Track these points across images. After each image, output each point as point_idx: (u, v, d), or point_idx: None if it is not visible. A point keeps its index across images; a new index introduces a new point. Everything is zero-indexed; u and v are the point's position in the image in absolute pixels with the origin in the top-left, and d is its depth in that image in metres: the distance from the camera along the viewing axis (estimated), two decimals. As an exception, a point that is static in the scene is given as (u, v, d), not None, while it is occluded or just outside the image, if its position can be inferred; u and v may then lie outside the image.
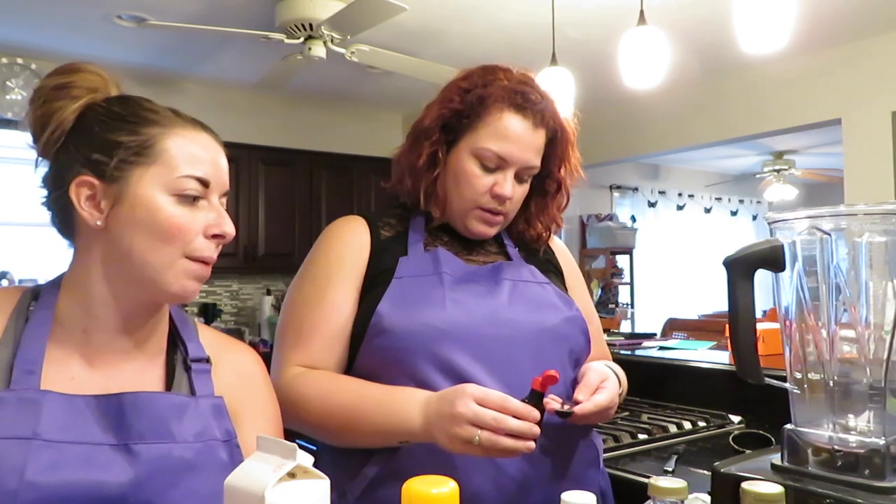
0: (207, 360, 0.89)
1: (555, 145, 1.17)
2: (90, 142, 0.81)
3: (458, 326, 1.05)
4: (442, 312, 1.05)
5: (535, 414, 0.93)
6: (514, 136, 1.10)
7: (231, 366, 0.92)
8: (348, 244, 1.14)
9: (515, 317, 1.09)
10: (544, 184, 1.21)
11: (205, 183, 0.83)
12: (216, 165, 0.85)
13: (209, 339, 0.93)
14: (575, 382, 1.14)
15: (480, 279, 1.13)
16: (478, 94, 1.12)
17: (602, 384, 1.06)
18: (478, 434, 0.91)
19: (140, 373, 0.85)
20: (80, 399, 0.78)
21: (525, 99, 1.11)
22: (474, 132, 1.11)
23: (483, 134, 1.11)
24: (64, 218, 0.85)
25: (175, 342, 0.90)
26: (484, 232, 1.16)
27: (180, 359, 0.88)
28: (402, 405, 0.99)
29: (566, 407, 1.00)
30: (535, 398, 0.94)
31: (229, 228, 0.84)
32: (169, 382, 0.86)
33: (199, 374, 0.87)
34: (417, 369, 1.03)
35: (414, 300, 1.06)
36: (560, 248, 1.30)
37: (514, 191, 1.13)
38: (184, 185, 0.81)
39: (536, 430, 0.93)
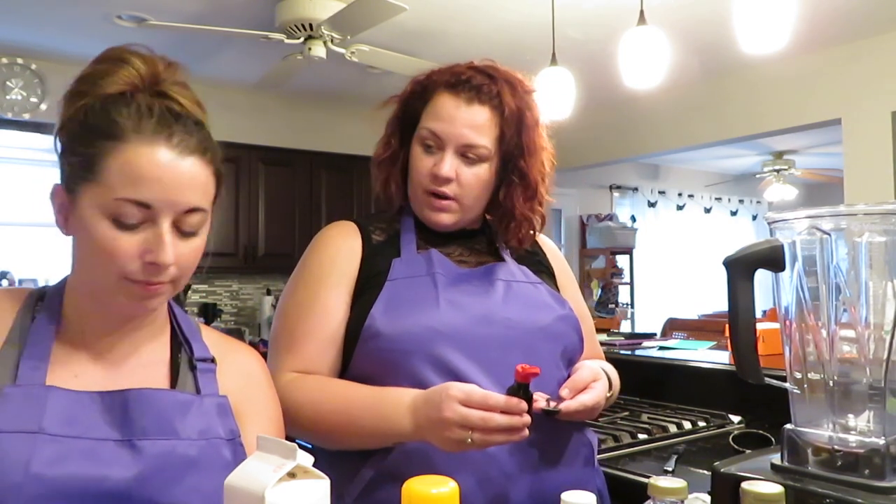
0: (212, 360, 0.89)
1: (510, 127, 1.13)
2: (65, 150, 0.80)
3: (453, 327, 1.05)
4: (436, 313, 1.05)
5: (522, 405, 0.94)
6: (445, 113, 1.12)
7: (234, 366, 0.92)
8: (340, 249, 1.15)
9: (510, 316, 1.09)
10: (511, 174, 1.16)
11: (145, 206, 0.76)
12: (164, 185, 0.76)
13: (212, 340, 0.93)
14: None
15: (474, 280, 1.13)
16: (422, 82, 1.17)
17: (592, 384, 1.06)
18: (469, 435, 0.92)
19: (144, 372, 0.85)
20: (85, 395, 0.79)
21: (459, 80, 1.13)
22: (421, 120, 1.15)
23: (424, 117, 1.15)
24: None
25: (179, 342, 0.90)
26: (436, 220, 1.15)
27: (185, 359, 0.89)
28: (391, 410, 1.00)
29: (553, 405, 1.01)
30: (520, 388, 0.95)
31: (164, 257, 0.76)
32: (174, 382, 0.86)
33: (205, 374, 0.87)
34: (413, 371, 1.03)
35: (408, 302, 1.07)
36: (550, 248, 1.30)
37: (454, 171, 1.11)
38: (118, 209, 0.75)
39: (527, 419, 0.94)
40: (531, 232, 1.20)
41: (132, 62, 0.80)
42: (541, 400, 1.00)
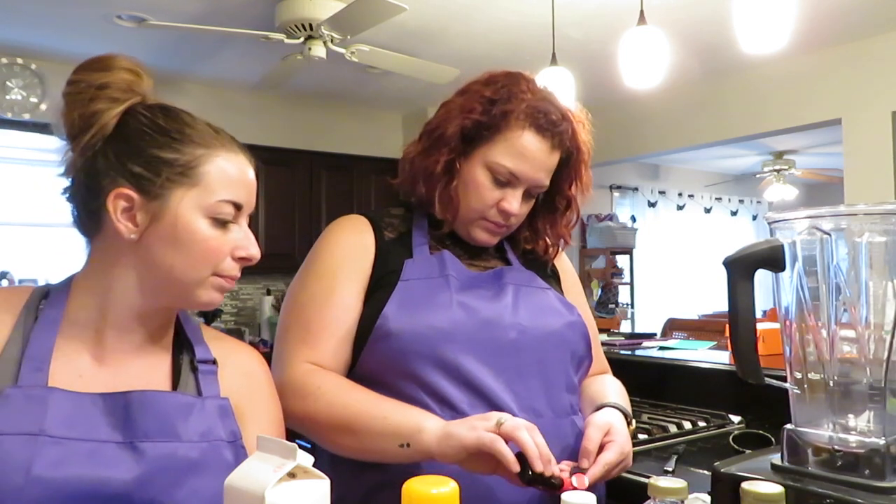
0: (214, 362, 0.89)
1: (569, 165, 1.17)
2: (133, 154, 0.81)
3: (465, 330, 1.04)
4: (449, 315, 1.04)
5: (551, 467, 0.91)
6: (530, 155, 1.10)
7: (236, 367, 0.92)
8: (354, 244, 1.13)
9: (520, 321, 1.08)
10: (554, 200, 1.20)
11: (238, 206, 0.85)
12: (248, 188, 0.87)
13: (213, 341, 0.93)
14: (578, 388, 1.15)
15: (484, 283, 1.12)
16: (502, 108, 1.10)
17: (605, 438, 1.01)
18: (501, 418, 0.91)
19: (147, 372, 0.85)
20: (87, 396, 0.78)
21: (548, 120, 1.10)
22: (491, 145, 1.10)
23: (500, 148, 1.10)
24: (91, 221, 0.84)
25: (181, 343, 0.90)
26: (487, 241, 1.17)
27: (187, 360, 0.89)
28: (420, 413, 0.98)
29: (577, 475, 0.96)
30: (551, 481, 0.92)
31: (255, 251, 0.86)
32: (175, 383, 0.86)
33: (206, 376, 0.88)
34: (422, 372, 1.02)
35: (420, 303, 1.05)
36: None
37: (520, 207, 1.13)
38: (220, 209, 0.83)
39: (515, 467, 0.90)
40: (557, 249, 1.25)
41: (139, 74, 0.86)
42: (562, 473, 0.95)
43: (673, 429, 1.63)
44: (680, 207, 7.88)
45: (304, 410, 1.02)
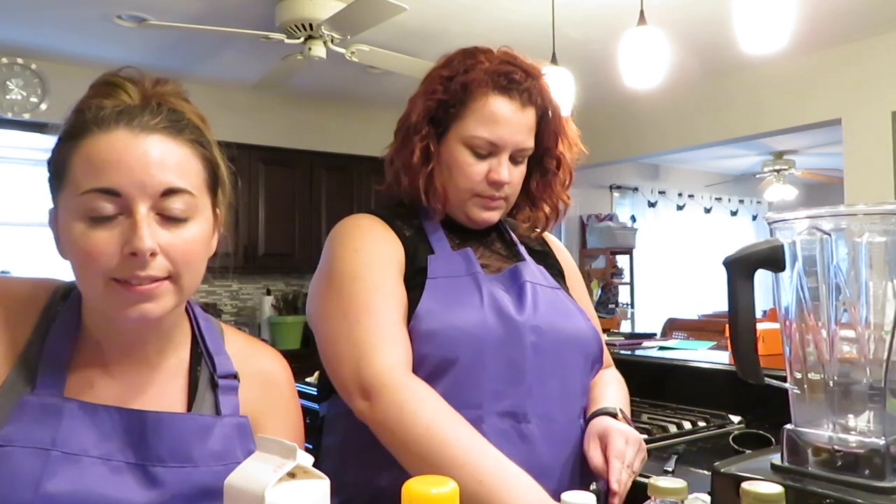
0: (235, 377, 0.86)
1: (547, 122, 1.14)
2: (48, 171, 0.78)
3: (492, 332, 1.01)
4: (479, 317, 1.01)
5: None
6: (502, 119, 1.07)
7: (257, 373, 0.89)
8: (386, 239, 1.08)
9: (539, 323, 1.06)
10: (543, 162, 1.18)
11: (113, 193, 0.70)
12: (127, 167, 0.71)
13: (236, 347, 0.89)
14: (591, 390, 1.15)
15: (504, 283, 1.10)
16: (460, 80, 1.09)
17: (605, 443, 1.01)
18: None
19: (161, 386, 0.82)
20: (102, 409, 0.76)
21: (509, 80, 1.08)
22: (462, 120, 1.09)
23: (471, 121, 1.08)
24: None
25: (199, 354, 0.86)
26: (487, 218, 1.13)
27: (206, 375, 0.85)
28: (518, 496, 0.85)
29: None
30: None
31: (140, 243, 0.70)
32: (191, 396, 0.83)
33: (226, 392, 0.84)
34: (445, 375, 0.99)
35: (450, 303, 1.02)
36: (559, 248, 1.29)
37: (510, 174, 1.10)
38: (86, 204, 0.71)
39: None
40: (558, 213, 1.22)
41: (125, 86, 0.78)
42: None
43: (673, 429, 1.63)
44: (680, 207, 7.88)
45: (396, 417, 0.91)
